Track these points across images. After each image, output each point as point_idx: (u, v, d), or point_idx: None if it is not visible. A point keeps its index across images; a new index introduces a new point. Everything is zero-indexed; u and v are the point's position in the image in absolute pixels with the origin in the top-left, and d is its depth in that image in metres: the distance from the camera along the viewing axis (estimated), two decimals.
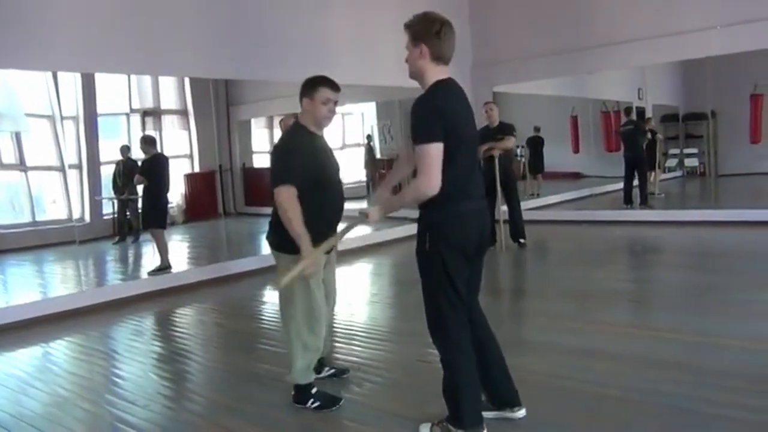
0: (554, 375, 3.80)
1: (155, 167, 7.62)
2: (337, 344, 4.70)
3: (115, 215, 11.10)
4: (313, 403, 3.53)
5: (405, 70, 2.93)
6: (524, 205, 8.37)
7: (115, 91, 12.25)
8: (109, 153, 11.42)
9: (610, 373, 3.79)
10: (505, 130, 7.58)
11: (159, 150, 7.80)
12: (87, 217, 11.39)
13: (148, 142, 7.72)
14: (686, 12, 8.66)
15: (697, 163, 17.23)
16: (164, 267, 7.55)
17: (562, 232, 9.54)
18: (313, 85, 3.58)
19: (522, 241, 7.94)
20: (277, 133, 14.75)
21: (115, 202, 10.98)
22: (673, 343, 4.24)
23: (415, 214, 2.96)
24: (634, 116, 11.18)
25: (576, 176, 16.25)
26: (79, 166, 11.37)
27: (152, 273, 7.46)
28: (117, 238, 10.79)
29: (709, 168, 17.06)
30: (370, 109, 15.47)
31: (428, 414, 3.15)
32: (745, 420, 3.07)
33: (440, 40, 2.86)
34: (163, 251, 7.60)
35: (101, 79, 11.67)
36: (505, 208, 7.96)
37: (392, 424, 3.29)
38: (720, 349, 4.05)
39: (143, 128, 12.56)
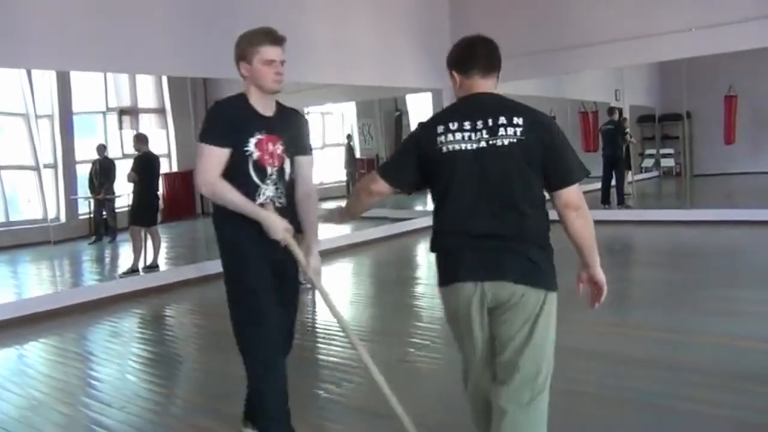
0: None
1: (147, 165, 7.55)
2: (318, 344, 4.68)
3: (91, 215, 10.98)
4: None
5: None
6: None
7: (91, 89, 12.12)
8: (86, 152, 11.30)
9: (587, 370, 3.82)
10: None
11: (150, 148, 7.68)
12: (62, 217, 11.25)
13: (140, 140, 7.65)
14: (664, 14, 8.76)
15: (673, 164, 17.49)
16: (134, 269, 7.45)
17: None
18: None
19: None
20: None
21: (92, 201, 10.86)
22: (648, 340, 4.29)
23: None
24: (616, 117, 11.24)
25: None
26: (54, 165, 11.23)
27: (123, 275, 7.37)
28: (93, 238, 10.67)
29: (684, 168, 17.37)
30: (350, 108, 15.46)
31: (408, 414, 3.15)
32: (720, 416, 3.11)
33: None
34: (136, 252, 7.51)
35: (77, 77, 11.55)
36: None
37: (372, 424, 3.29)
38: (696, 347, 4.10)
39: (120, 127, 12.45)
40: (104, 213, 10.68)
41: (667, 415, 3.17)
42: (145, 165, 7.49)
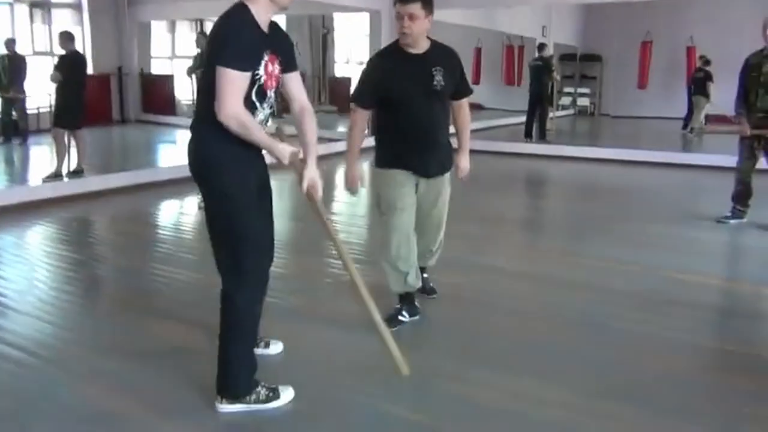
0: (477, 290, 4.08)
1: (74, 65, 7.06)
2: None
3: None
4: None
5: None
6: None
7: None
8: None
9: (522, 291, 4.12)
10: None
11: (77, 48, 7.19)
12: None
13: (67, 39, 7.08)
14: None
15: (588, 103, 18.20)
16: (58, 173, 7.12)
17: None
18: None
19: None
20: (180, 39, 14.02)
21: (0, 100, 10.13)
22: (578, 266, 4.63)
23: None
24: (546, 53, 11.45)
25: (477, 108, 16.70)
26: None
27: (46, 179, 7.03)
28: (1, 139, 10.02)
29: (597, 108, 18.12)
30: (279, 22, 14.95)
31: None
32: (648, 333, 3.46)
33: None
34: (60, 156, 7.16)
35: None
36: None
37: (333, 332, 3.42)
38: (623, 274, 4.47)
39: (31, 20, 11.55)
40: (14, 113, 10.01)
41: (603, 332, 3.49)
42: (72, 65, 7.03)
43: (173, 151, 10.85)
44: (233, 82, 2.33)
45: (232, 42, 2.35)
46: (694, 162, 9.30)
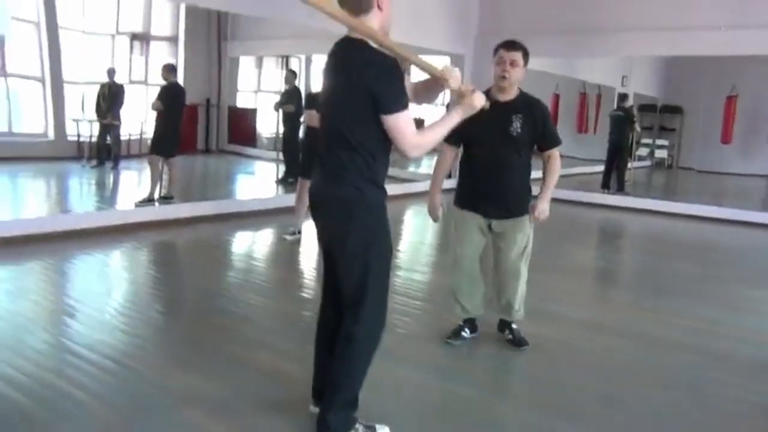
0: (561, 342, 4.04)
1: (174, 95, 7.46)
2: None
3: (91, 139, 10.83)
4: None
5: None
6: None
7: (103, 10, 11.84)
8: (95, 74, 11.10)
9: (609, 345, 4.04)
10: None
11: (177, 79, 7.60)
12: (50, 134, 11.11)
13: (169, 70, 7.53)
14: (695, 9, 8.80)
15: (666, 155, 17.80)
16: (151, 198, 7.45)
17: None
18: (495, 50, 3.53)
19: None
20: (266, 75, 14.54)
21: (94, 125, 10.70)
22: (667, 325, 4.50)
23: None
24: (627, 104, 11.35)
25: None
26: (42, 80, 11.01)
27: (139, 203, 7.36)
28: (95, 162, 10.55)
29: (676, 161, 17.69)
30: None
31: None
32: (742, 399, 3.33)
33: None
34: (154, 182, 7.50)
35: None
36: None
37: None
38: (718, 337, 4.33)
39: (131, 51, 12.22)
40: (108, 139, 10.54)
41: (696, 395, 3.38)
42: (172, 95, 7.41)
43: (253, 183, 11.23)
44: (409, 121, 2.39)
45: (399, 83, 2.37)
46: None
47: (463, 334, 3.84)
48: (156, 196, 7.45)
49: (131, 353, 3.53)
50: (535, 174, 3.67)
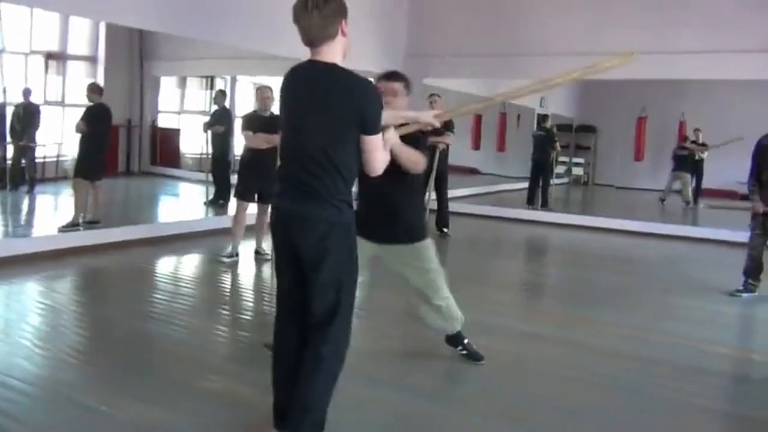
0: (511, 353, 4.13)
1: (100, 117, 7.14)
2: None
3: (8, 162, 10.29)
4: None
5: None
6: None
7: (16, 27, 11.32)
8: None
9: (555, 356, 4.17)
10: (448, 125, 7.74)
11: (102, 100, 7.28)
12: None
13: (94, 91, 7.20)
14: (610, 35, 9.29)
15: (582, 172, 18.61)
16: (75, 223, 7.12)
17: (473, 224, 9.99)
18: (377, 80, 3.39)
19: (445, 230, 8.27)
20: (190, 94, 14.25)
21: (8, 148, 10.16)
22: (604, 334, 4.70)
23: None
24: (548, 124, 11.85)
25: (473, 172, 17.03)
26: None
27: (63, 229, 7.03)
28: (9, 186, 10.01)
29: (591, 178, 18.53)
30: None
31: None
32: (690, 402, 3.52)
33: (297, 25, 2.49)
34: (78, 206, 7.17)
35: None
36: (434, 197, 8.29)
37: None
38: (646, 342, 4.56)
39: (46, 71, 11.73)
40: (23, 161, 10.04)
41: (640, 399, 3.54)
42: (98, 117, 7.12)
43: (180, 205, 10.95)
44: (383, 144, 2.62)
45: (381, 108, 2.55)
46: (693, 234, 9.54)
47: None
48: (80, 220, 7.14)
49: (63, 379, 3.38)
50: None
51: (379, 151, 2.54)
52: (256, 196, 6.22)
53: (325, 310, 2.50)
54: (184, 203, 11.14)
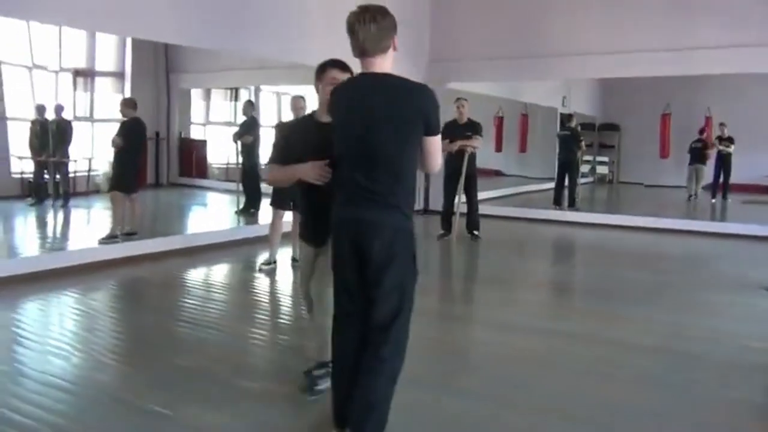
0: (554, 353, 4.17)
1: (135, 131, 7.29)
2: None
3: (22, 174, 10.53)
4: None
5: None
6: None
7: (45, 45, 11.57)
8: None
9: (600, 354, 4.18)
10: (476, 128, 7.77)
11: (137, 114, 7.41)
12: None
13: (128, 105, 7.34)
14: (633, 32, 9.29)
15: (607, 171, 18.52)
16: (114, 235, 7.27)
17: (501, 226, 9.97)
18: (322, 68, 3.15)
19: (476, 233, 8.30)
20: (215, 105, 14.45)
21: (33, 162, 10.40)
22: (648, 332, 4.71)
23: None
24: (573, 124, 11.84)
25: (497, 174, 16.99)
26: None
27: (103, 241, 7.17)
28: (32, 200, 10.23)
29: (616, 176, 18.43)
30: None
31: None
32: (729, 397, 3.52)
33: (352, 36, 2.57)
34: (116, 219, 7.33)
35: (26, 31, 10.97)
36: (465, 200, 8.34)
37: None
38: (691, 339, 4.56)
39: (74, 88, 11.96)
40: (51, 176, 10.25)
41: (689, 396, 3.55)
42: (133, 131, 7.27)
43: (211, 215, 11.10)
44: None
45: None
46: (723, 231, 9.52)
47: None
48: (118, 232, 7.28)
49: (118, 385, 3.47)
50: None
51: (439, 151, 2.68)
52: (291, 204, 6.31)
53: (388, 314, 2.58)
54: (214, 213, 11.29)
